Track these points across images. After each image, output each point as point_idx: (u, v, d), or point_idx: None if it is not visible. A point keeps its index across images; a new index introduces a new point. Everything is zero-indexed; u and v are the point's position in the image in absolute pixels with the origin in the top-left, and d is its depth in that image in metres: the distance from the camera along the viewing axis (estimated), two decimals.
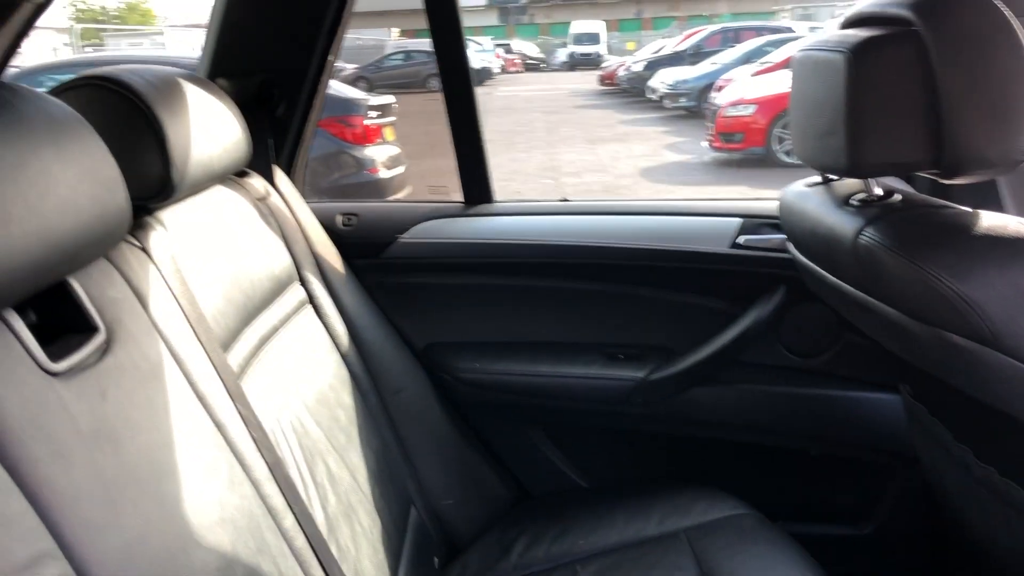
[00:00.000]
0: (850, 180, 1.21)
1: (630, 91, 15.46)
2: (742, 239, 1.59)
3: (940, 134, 0.98)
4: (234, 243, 1.27)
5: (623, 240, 1.64)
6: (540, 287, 1.70)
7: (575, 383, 1.67)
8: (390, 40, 20.22)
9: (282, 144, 1.68)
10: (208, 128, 1.20)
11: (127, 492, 0.78)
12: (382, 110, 5.76)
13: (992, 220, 0.99)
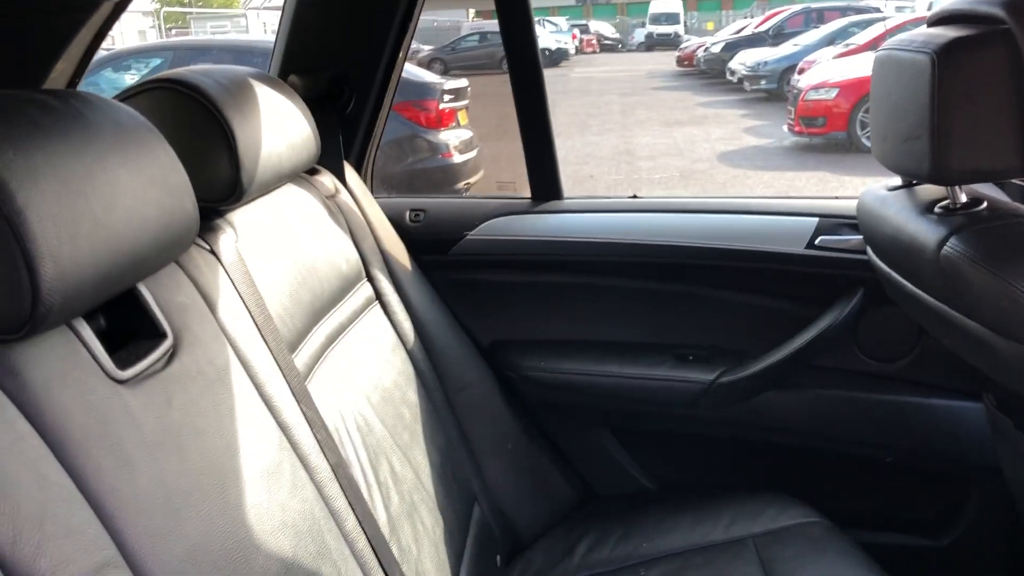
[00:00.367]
0: (934, 186, 1.16)
1: (709, 73, 15.16)
2: (819, 240, 1.54)
3: None
4: (303, 242, 1.28)
5: (695, 239, 1.61)
6: (608, 286, 1.68)
7: (643, 384, 1.64)
8: (466, 22, 20.28)
9: (352, 140, 1.69)
10: (278, 128, 1.21)
11: (190, 499, 0.79)
12: (456, 94, 5.77)
13: None
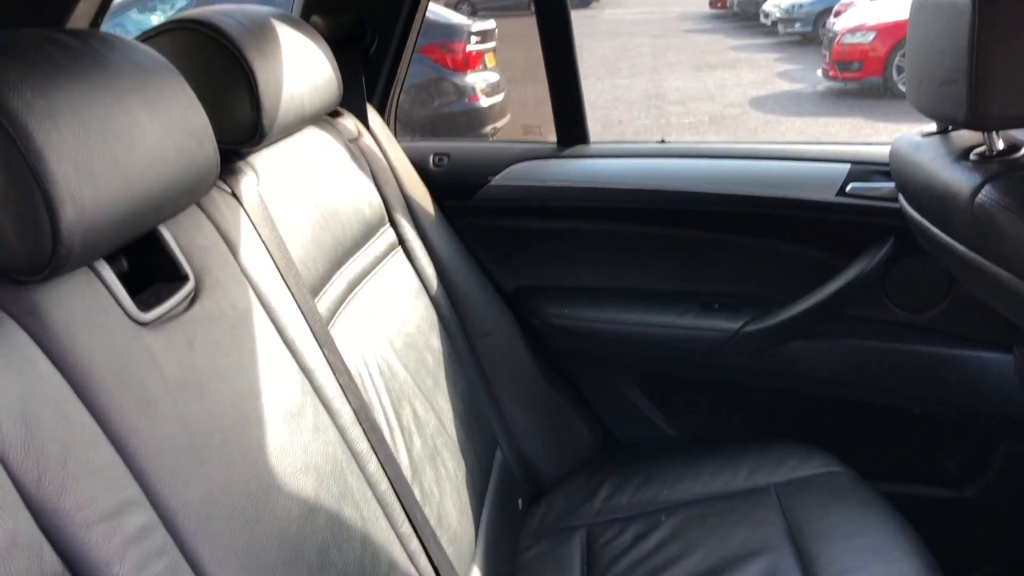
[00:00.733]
0: (969, 132, 1.12)
1: (742, 15, 14.78)
2: (851, 187, 1.51)
3: None
4: (325, 186, 1.27)
5: (723, 186, 1.58)
6: (634, 233, 1.66)
7: (667, 332, 1.63)
8: None
9: (374, 82, 1.67)
10: (300, 70, 1.19)
11: (212, 441, 0.79)
12: (483, 35, 5.69)
13: None
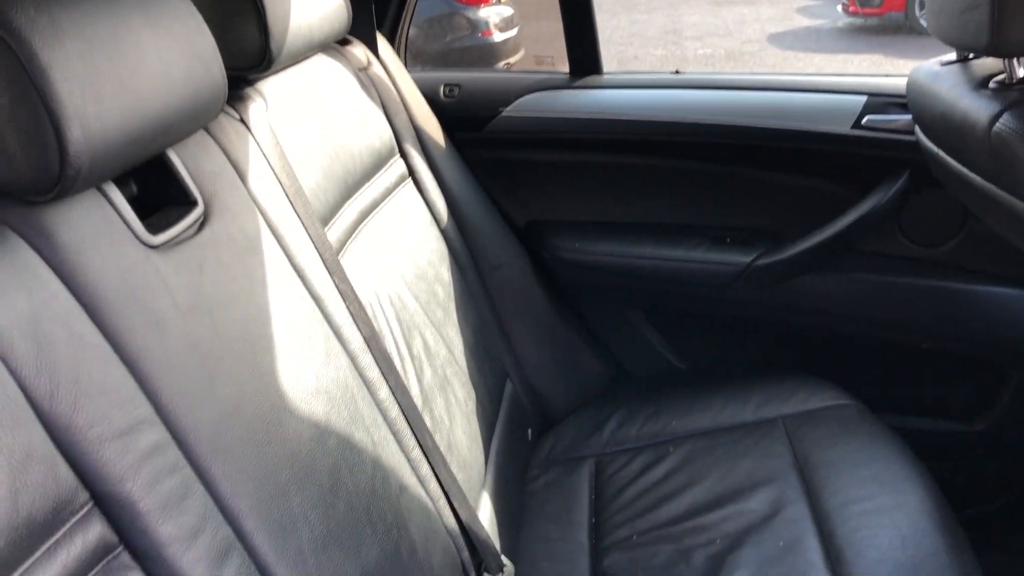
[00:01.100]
0: (991, 60, 1.09)
1: None
2: (866, 119, 1.48)
3: None
4: (334, 115, 1.26)
5: (737, 117, 1.55)
6: (647, 165, 1.64)
7: (679, 266, 1.63)
8: None
9: (385, 11, 1.64)
10: None
11: (223, 363, 0.80)
12: None
13: None
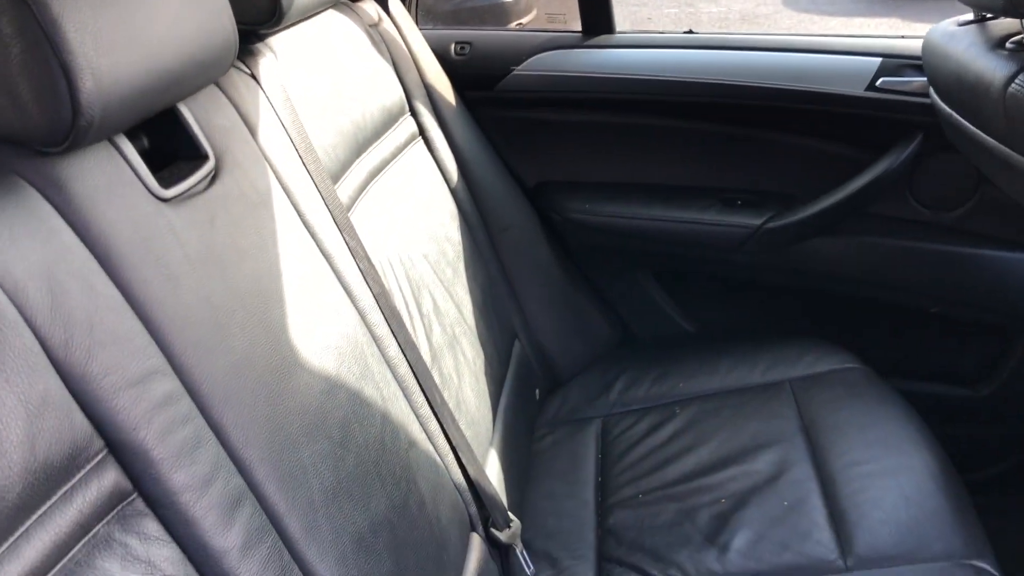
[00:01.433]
0: (1008, 20, 1.08)
1: None
2: (880, 81, 1.46)
3: None
4: (345, 72, 1.26)
5: (750, 78, 1.54)
6: (659, 126, 1.63)
7: (689, 228, 1.62)
8: None
9: None
10: None
11: (234, 316, 0.81)
12: None
13: None
